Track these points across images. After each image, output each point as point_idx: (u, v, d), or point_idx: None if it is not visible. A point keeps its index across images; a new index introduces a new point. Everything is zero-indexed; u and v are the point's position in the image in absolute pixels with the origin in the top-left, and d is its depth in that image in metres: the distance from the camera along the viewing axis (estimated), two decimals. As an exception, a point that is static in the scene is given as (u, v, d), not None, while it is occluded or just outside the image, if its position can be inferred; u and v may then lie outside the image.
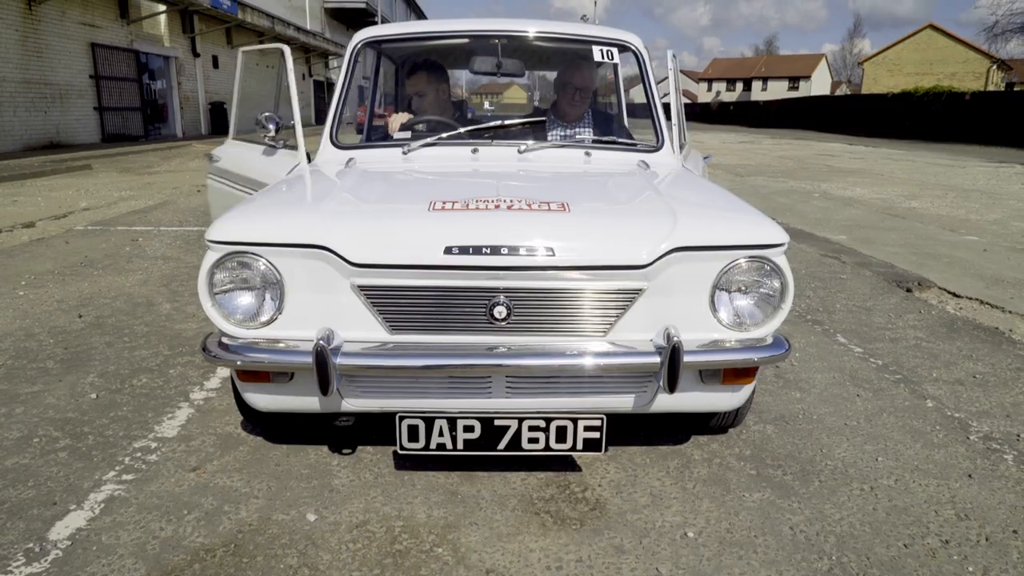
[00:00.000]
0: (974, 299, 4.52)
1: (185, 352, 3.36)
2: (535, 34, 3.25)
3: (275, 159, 3.14)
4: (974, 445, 2.56)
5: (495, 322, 1.92)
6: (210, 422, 2.64)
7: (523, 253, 1.86)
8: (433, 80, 3.29)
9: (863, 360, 3.41)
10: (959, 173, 13.70)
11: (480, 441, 1.99)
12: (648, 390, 2.05)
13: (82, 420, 2.65)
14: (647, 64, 3.26)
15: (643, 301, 1.95)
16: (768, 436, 2.60)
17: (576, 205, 2.06)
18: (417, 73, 3.31)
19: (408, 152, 2.88)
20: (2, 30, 13.68)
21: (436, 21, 3.66)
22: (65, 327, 3.72)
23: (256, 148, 3.42)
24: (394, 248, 1.90)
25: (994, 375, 3.25)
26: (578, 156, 2.94)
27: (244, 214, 2.07)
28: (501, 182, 2.36)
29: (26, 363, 3.21)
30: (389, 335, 1.96)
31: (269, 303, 1.97)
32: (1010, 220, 7.87)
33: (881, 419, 2.76)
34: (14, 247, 5.73)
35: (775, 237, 1.98)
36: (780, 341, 2.04)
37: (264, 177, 3.02)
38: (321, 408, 2.07)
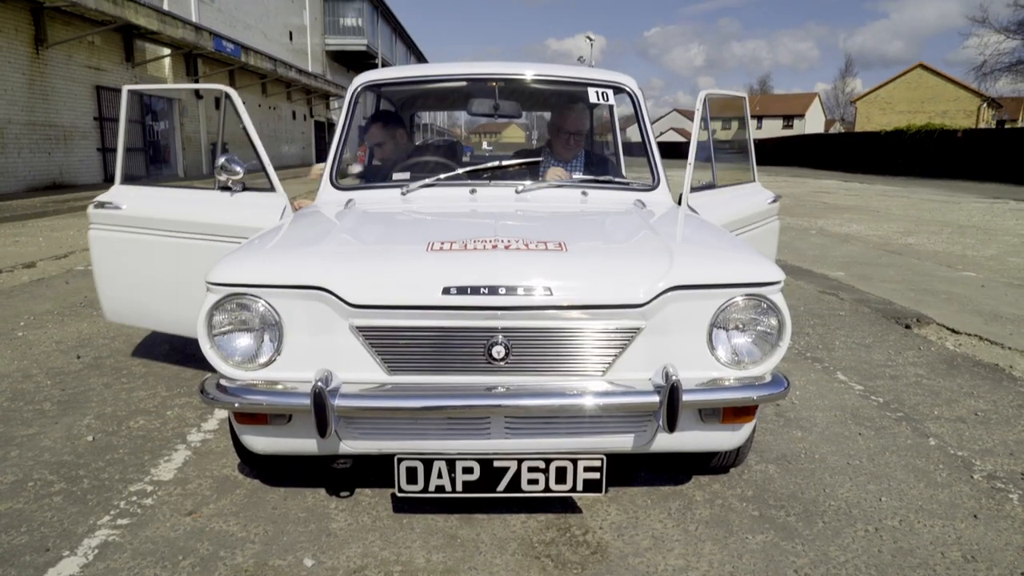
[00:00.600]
0: (973, 335, 4.52)
1: (183, 393, 3.35)
2: (532, 77, 3.31)
3: (244, 201, 3.01)
4: (978, 484, 2.53)
5: (493, 362, 1.92)
6: (207, 465, 2.62)
7: (521, 293, 1.87)
8: (389, 128, 3.49)
9: (864, 398, 3.40)
10: (954, 209, 13.81)
11: (479, 482, 1.97)
12: (648, 430, 2.04)
13: (78, 463, 2.62)
14: (642, 105, 3.32)
15: (641, 340, 1.96)
16: (770, 476, 2.57)
17: (573, 244, 2.08)
18: (374, 124, 3.53)
19: (407, 193, 2.91)
20: (9, 74, 13.91)
21: (434, 65, 3.73)
22: (63, 368, 3.70)
23: (189, 192, 3.28)
24: (392, 289, 1.91)
25: (996, 412, 3.23)
26: (575, 196, 2.97)
27: (244, 256, 2.08)
28: (499, 222, 2.38)
29: (22, 405, 3.19)
30: (387, 376, 1.96)
31: (268, 344, 1.97)
32: (1006, 256, 7.91)
33: (884, 458, 2.74)
34: (14, 287, 5.74)
35: (771, 275, 1.99)
36: (779, 379, 2.04)
37: (239, 220, 2.91)
38: (319, 450, 2.05)
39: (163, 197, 3.27)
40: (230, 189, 3.03)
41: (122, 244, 3.18)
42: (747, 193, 3.73)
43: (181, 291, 3.02)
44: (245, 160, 3.01)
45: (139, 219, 3.13)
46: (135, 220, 3.14)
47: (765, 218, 3.70)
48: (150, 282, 3.20)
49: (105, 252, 3.23)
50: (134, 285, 3.23)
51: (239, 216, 2.95)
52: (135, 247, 3.16)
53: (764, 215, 3.68)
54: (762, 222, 3.66)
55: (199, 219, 3.04)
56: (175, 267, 3.10)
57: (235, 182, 3.00)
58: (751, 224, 3.50)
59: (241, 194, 3.04)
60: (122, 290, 3.27)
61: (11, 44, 13.93)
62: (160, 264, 3.14)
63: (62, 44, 15.19)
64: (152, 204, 3.18)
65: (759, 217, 3.62)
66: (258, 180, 3.02)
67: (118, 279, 3.25)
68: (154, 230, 3.11)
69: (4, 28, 13.69)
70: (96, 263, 3.26)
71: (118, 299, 3.29)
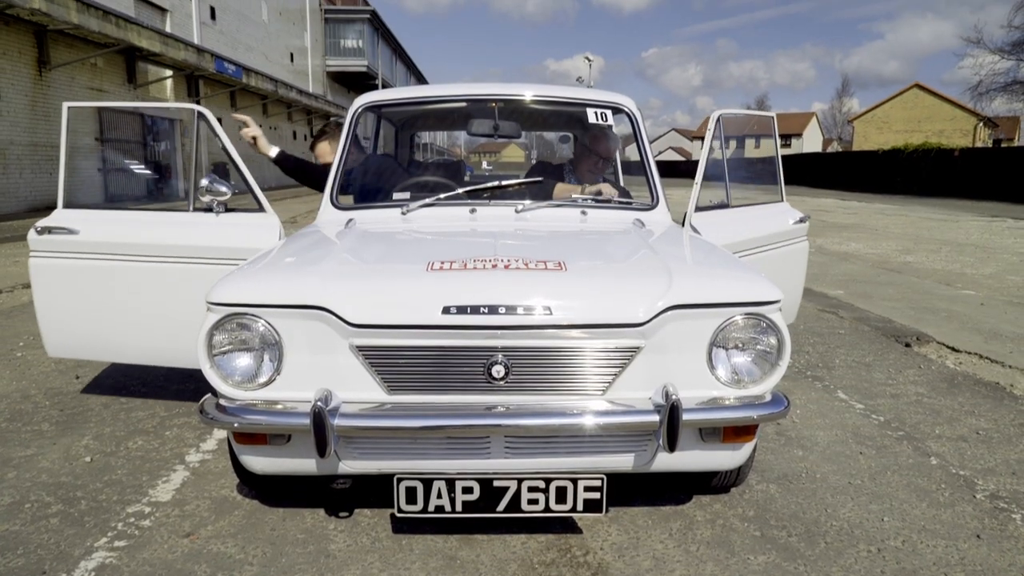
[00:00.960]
0: (973, 354, 4.52)
1: (182, 413, 3.33)
2: (531, 98, 3.34)
3: (232, 222, 2.92)
4: (981, 504, 2.52)
5: (493, 381, 1.92)
6: (205, 485, 2.60)
7: (521, 312, 1.88)
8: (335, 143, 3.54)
9: (865, 417, 3.39)
10: (952, 227, 13.86)
11: (479, 503, 1.96)
12: (648, 449, 2.03)
13: (75, 484, 2.61)
14: (640, 125, 3.35)
15: (641, 359, 1.96)
16: (771, 496, 2.56)
17: (573, 264, 2.08)
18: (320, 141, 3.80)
19: (407, 212, 2.92)
20: (12, 96, 14.02)
21: (435, 86, 3.77)
22: (62, 388, 3.69)
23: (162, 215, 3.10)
24: (392, 308, 1.91)
25: (997, 431, 3.22)
26: (574, 215, 2.99)
27: (244, 276, 2.09)
28: (499, 241, 2.39)
29: (20, 426, 3.18)
30: (387, 395, 1.95)
31: (267, 364, 1.97)
32: (1005, 274, 7.92)
33: (885, 477, 2.73)
34: (14, 307, 5.74)
35: (769, 294, 2.00)
36: (779, 398, 2.04)
37: (226, 241, 2.84)
38: (318, 470, 2.04)
39: (131, 220, 3.07)
40: (211, 210, 2.90)
41: (77, 272, 2.92)
42: (765, 213, 3.65)
43: (156, 318, 2.90)
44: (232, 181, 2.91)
45: (103, 244, 2.90)
46: (97, 245, 2.89)
47: (786, 239, 3.59)
48: (113, 311, 2.95)
49: (54, 281, 2.95)
50: (91, 315, 2.96)
51: (228, 238, 2.85)
52: (94, 274, 2.91)
53: (785, 235, 3.58)
54: (782, 243, 3.54)
55: (181, 242, 2.88)
56: (149, 294, 2.92)
57: (219, 203, 2.89)
58: (766, 244, 3.42)
59: (226, 215, 2.93)
60: (74, 321, 2.98)
61: (15, 66, 14.05)
62: (129, 291, 2.92)
63: (65, 66, 15.33)
64: (119, 228, 2.97)
65: (779, 237, 3.52)
66: (241, 201, 2.97)
67: (69, 310, 2.97)
68: (123, 256, 2.89)
69: (8, 51, 13.82)
70: (40, 293, 2.96)
71: (68, 331, 3.01)
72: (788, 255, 3.60)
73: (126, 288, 2.93)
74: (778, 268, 3.39)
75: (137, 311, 2.95)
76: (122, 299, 2.94)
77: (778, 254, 3.49)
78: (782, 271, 3.44)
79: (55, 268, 2.94)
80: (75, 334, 3.02)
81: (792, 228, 3.62)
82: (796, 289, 3.79)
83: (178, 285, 2.87)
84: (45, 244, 2.93)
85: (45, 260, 2.95)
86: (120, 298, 2.94)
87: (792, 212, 3.71)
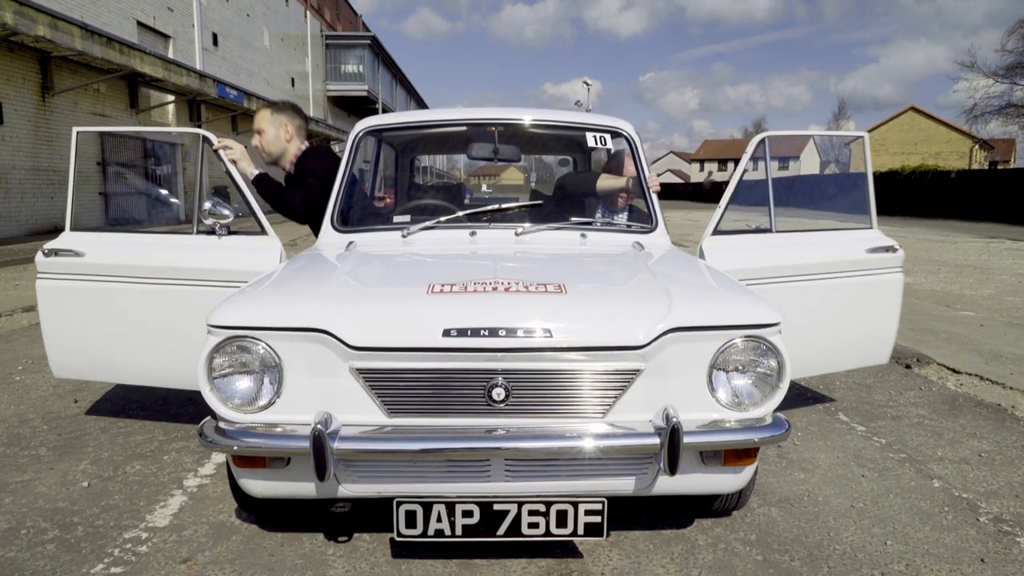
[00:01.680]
0: (974, 375, 4.51)
1: (180, 437, 3.32)
2: (530, 121, 3.37)
3: (234, 245, 2.95)
4: (984, 527, 2.50)
5: (494, 404, 1.92)
6: (203, 510, 2.58)
7: (521, 335, 1.88)
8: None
9: (866, 439, 3.37)
10: (950, 248, 13.90)
11: (479, 526, 1.95)
12: (649, 472, 2.02)
13: (72, 510, 2.59)
14: (639, 148, 3.38)
15: (641, 382, 1.96)
16: (773, 519, 2.54)
17: (573, 287, 2.09)
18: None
19: (408, 235, 2.94)
20: (16, 121, 14.14)
21: (435, 110, 3.81)
22: (60, 412, 3.68)
23: (165, 237, 3.08)
24: (393, 331, 1.91)
25: (1000, 453, 3.20)
26: (574, 238, 3.00)
27: (245, 299, 2.10)
28: (499, 264, 2.40)
29: (18, 450, 3.16)
30: (387, 418, 1.95)
31: (267, 387, 1.97)
32: (1004, 295, 7.93)
33: (888, 500, 2.71)
34: (13, 331, 5.73)
35: (769, 317, 2.00)
36: (780, 421, 2.03)
37: (228, 263, 2.85)
38: (317, 494, 2.03)
39: (136, 243, 3.11)
40: (214, 233, 2.94)
41: (82, 293, 2.94)
42: (817, 240, 3.30)
43: (159, 340, 2.90)
44: (235, 203, 2.95)
45: (108, 266, 2.93)
46: (102, 268, 2.92)
47: (850, 269, 3.20)
48: (117, 333, 2.97)
49: (59, 303, 2.98)
50: (95, 337, 2.98)
51: (230, 260, 2.86)
52: (99, 296, 2.94)
53: (846, 265, 3.20)
54: (840, 273, 3.18)
55: (183, 264, 2.90)
56: (152, 316, 2.93)
57: (222, 226, 2.93)
58: (807, 273, 3.12)
59: (228, 238, 2.96)
60: (80, 343, 3.01)
61: (19, 92, 14.19)
62: (132, 313, 2.94)
63: (68, 92, 15.47)
64: (124, 251, 3.00)
65: (832, 267, 3.17)
66: (243, 224, 3.00)
67: (75, 332, 3.00)
68: (127, 278, 2.92)
69: (12, 77, 13.96)
70: (46, 315, 2.99)
71: (74, 352, 3.03)
72: (853, 287, 3.21)
73: (130, 310, 2.94)
74: (836, 299, 3.14)
75: (140, 333, 2.96)
76: (126, 321, 2.96)
77: (832, 284, 3.16)
78: (844, 303, 3.18)
79: (61, 290, 2.97)
80: (80, 355, 3.04)
81: (867, 258, 3.22)
82: (875, 324, 3.31)
83: (180, 307, 2.87)
84: (52, 266, 2.97)
85: (51, 282, 2.98)
86: (124, 320, 2.96)
87: (871, 240, 3.29)
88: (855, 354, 3.38)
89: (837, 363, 3.40)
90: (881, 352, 3.38)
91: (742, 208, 3.25)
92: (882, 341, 3.35)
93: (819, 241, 3.32)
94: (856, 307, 3.26)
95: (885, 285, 3.29)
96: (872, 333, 3.33)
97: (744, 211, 3.28)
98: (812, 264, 3.15)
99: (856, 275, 3.22)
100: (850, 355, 3.38)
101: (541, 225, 3.02)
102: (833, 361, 3.36)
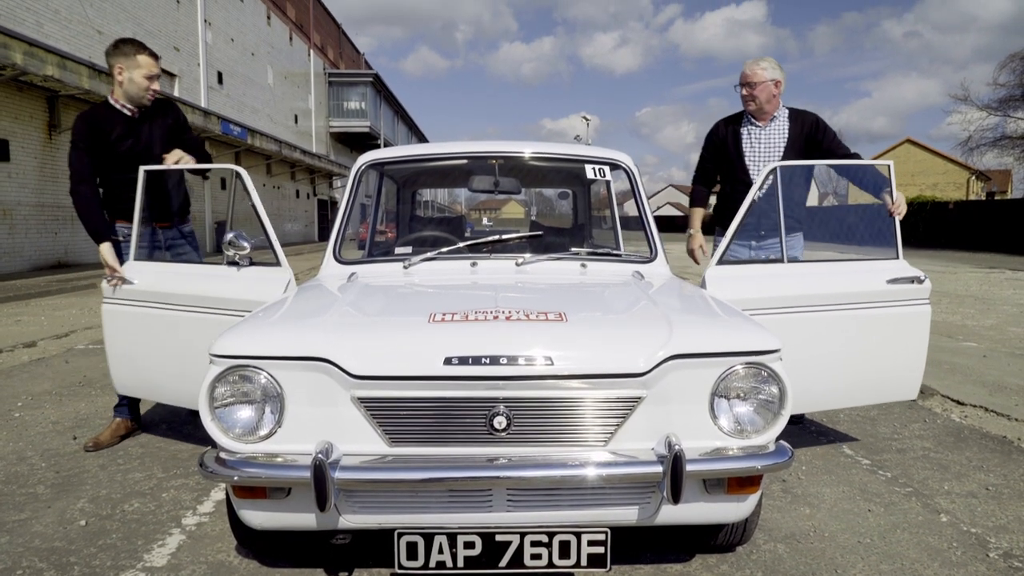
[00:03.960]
0: (979, 407, 4.48)
1: (179, 475, 3.29)
2: (530, 154, 3.41)
3: (251, 276, 3.07)
4: (995, 563, 2.45)
5: (495, 433, 1.91)
6: (201, 549, 2.54)
7: (522, 363, 1.88)
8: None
9: (871, 472, 3.33)
10: (951, 279, 13.91)
11: (481, 558, 1.92)
12: (652, 501, 2.00)
13: (69, 549, 2.55)
14: (638, 180, 3.41)
15: (642, 409, 1.95)
16: (780, 556, 2.50)
17: (573, 315, 2.09)
18: None
19: (409, 266, 2.96)
20: (23, 159, 14.31)
21: (436, 144, 3.86)
22: (58, 449, 3.65)
23: (192, 268, 3.39)
24: (394, 360, 1.91)
25: (1007, 487, 3.16)
26: (574, 268, 3.02)
27: (246, 328, 2.10)
28: (499, 293, 2.41)
29: (15, 488, 3.13)
30: (388, 448, 1.94)
31: (269, 416, 1.96)
32: (1006, 326, 7.92)
33: (895, 536, 2.66)
34: (13, 367, 5.72)
35: (769, 343, 2.00)
36: (783, 448, 2.02)
37: (245, 295, 2.93)
38: (318, 525, 2.01)
39: (174, 272, 3.35)
40: (238, 264, 3.09)
41: (131, 318, 3.24)
42: (832, 270, 3.23)
43: (186, 364, 3.02)
44: (253, 236, 3.09)
45: (149, 293, 3.19)
46: (145, 294, 3.20)
47: (869, 300, 3.10)
48: (156, 355, 3.23)
49: (115, 325, 3.30)
50: (141, 358, 3.27)
51: (243, 290, 2.97)
52: (143, 321, 3.20)
53: (864, 296, 3.09)
54: (855, 304, 3.08)
55: (204, 293, 3.07)
56: (181, 340, 3.10)
57: (242, 257, 3.07)
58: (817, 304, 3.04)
59: (248, 269, 3.09)
60: (130, 362, 3.31)
61: (26, 130, 14.39)
62: (166, 337, 3.16)
63: (74, 129, 15.68)
64: (162, 279, 3.24)
65: (848, 298, 3.08)
66: (266, 255, 3.08)
67: (127, 352, 3.30)
68: (162, 304, 3.16)
69: (20, 115, 14.17)
70: (107, 336, 3.34)
71: (126, 371, 3.35)
72: (873, 319, 3.10)
73: (165, 335, 3.17)
74: (847, 331, 3.07)
75: (174, 357, 3.15)
76: (163, 345, 3.19)
77: (849, 316, 3.07)
78: (866, 335, 3.09)
79: (116, 313, 3.29)
80: (132, 375, 3.37)
81: (888, 289, 3.10)
82: (900, 358, 3.18)
83: (204, 334, 2.94)
84: (110, 292, 3.30)
85: (110, 306, 3.30)
86: (162, 344, 3.20)
87: (894, 271, 3.16)
88: (878, 388, 3.23)
89: (859, 397, 3.27)
90: (909, 387, 3.23)
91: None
92: (909, 375, 3.21)
93: (835, 271, 3.22)
94: (878, 339, 3.13)
95: (910, 318, 3.15)
96: (897, 366, 3.18)
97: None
98: (825, 295, 3.06)
99: (877, 307, 3.10)
100: (872, 389, 3.23)
101: (541, 255, 3.04)
102: (854, 395, 3.23)
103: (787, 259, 3.19)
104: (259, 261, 3.10)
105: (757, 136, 3.89)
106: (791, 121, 3.88)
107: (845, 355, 3.11)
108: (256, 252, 3.09)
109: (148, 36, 20.19)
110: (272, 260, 3.05)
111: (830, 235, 4.37)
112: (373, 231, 4.07)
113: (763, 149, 3.87)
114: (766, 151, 3.86)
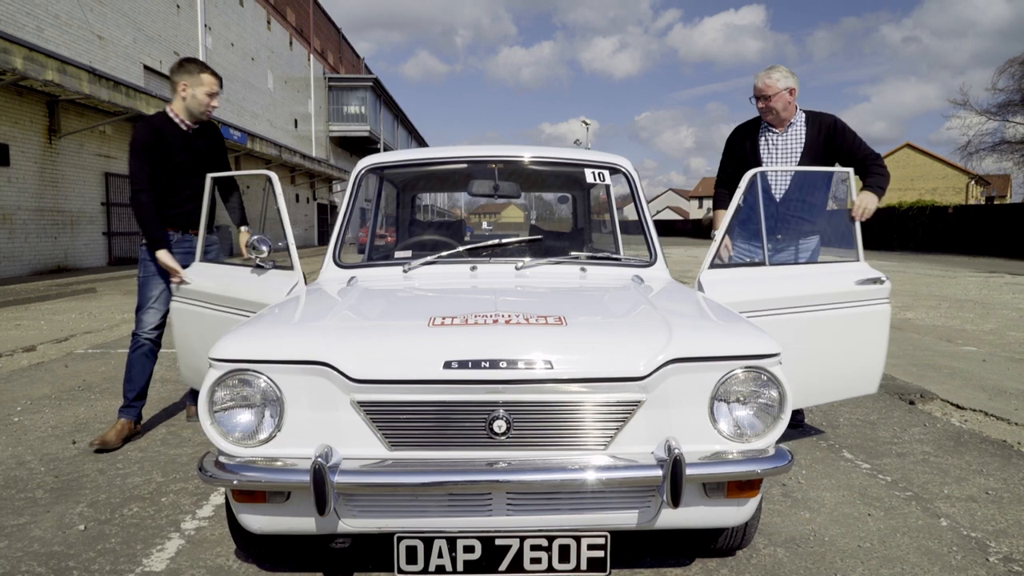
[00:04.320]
0: (978, 411, 4.47)
1: (178, 479, 3.28)
2: (530, 159, 3.42)
3: (266, 278, 3.18)
4: (995, 567, 2.45)
5: (495, 436, 1.90)
6: (200, 554, 2.54)
7: (522, 366, 1.88)
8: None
9: (871, 476, 3.33)
10: (950, 283, 13.92)
11: (481, 562, 1.92)
12: (652, 505, 2.00)
13: (68, 554, 2.54)
14: (637, 185, 3.42)
15: (642, 413, 1.95)
16: (779, 560, 2.50)
17: (573, 319, 2.10)
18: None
19: (409, 270, 2.96)
20: (23, 163, 14.32)
21: (436, 148, 3.86)
22: (58, 454, 3.65)
23: (229, 269, 3.50)
24: (394, 363, 1.91)
25: (1007, 491, 3.16)
26: (574, 272, 3.02)
27: (246, 332, 2.10)
28: (499, 297, 2.41)
29: (14, 493, 3.12)
30: (388, 451, 1.94)
31: (268, 420, 1.96)
32: (1006, 330, 7.92)
33: (895, 540, 2.66)
34: (13, 372, 5.71)
35: (769, 347, 2.00)
36: (783, 452, 2.02)
37: (258, 296, 3.05)
38: (317, 529, 2.00)
39: (215, 273, 3.54)
40: (261, 266, 3.24)
41: (185, 315, 3.54)
42: (809, 273, 3.43)
43: None
44: (275, 240, 3.21)
45: (195, 292, 3.47)
46: (194, 294, 3.47)
47: (842, 300, 3.27)
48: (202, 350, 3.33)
49: (179, 321, 3.60)
50: (196, 352, 3.48)
51: (257, 292, 3.09)
52: (193, 318, 3.49)
53: (838, 297, 3.26)
54: (832, 304, 3.24)
55: (227, 294, 3.27)
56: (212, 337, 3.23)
57: (263, 260, 3.20)
58: (799, 306, 3.16)
59: (269, 271, 3.21)
60: (190, 356, 3.57)
61: (26, 135, 14.41)
62: (208, 334, 3.28)
63: (74, 134, 15.71)
64: (204, 280, 3.47)
65: (825, 299, 3.23)
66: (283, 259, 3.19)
67: (186, 346, 3.60)
68: (203, 303, 3.42)
69: (20, 120, 14.19)
70: (175, 330, 3.65)
71: (188, 364, 3.63)
72: (844, 318, 3.27)
73: (208, 332, 3.32)
74: (827, 331, 3.20)
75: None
76: (204, 341, 3.30)
77: (826, 316, 3.22)
78: (836, 334, 3.23)
79: (179, 311, 3.59)
80: (190, 367, 3.61)
81: (856, 289, 3.30)
82: (864, 355, 3.36)
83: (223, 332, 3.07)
84: (178, 290, 3.61)
85: (175, 303, 3.62)
86: (204, 340, 3.31)
87: (859, 273, 3.37)
88: (846, 385, 3.42)
89: (830, 393, 3.43)
90: (870, 383, 3.42)
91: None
92: (871, 371, 3.41)
93: (810, 274, 3.45)
94: (847, 338, 3.31)
95: (873, 316, 3.35)
96: (862, 363, 3.37)
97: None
98: (805, 296, 3.21)
99: (846, 307, 3.29)
100: (841, 386, 3.41)
101: (541, 259, 3.04)
102: (826, 391, 3.40)
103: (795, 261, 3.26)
104: (283, 264, 3.19)
105: (775, 143, 3.93)
106: (808, 125, 3.92)
107: (821, 353, 3.24)
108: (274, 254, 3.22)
109: (148, 41, 20.24)
110: (287, 264, 3.14)
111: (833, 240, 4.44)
112: (373, 235, 4.07)
113: (780, 155, 3.92)
114: (783, 157, 3.91)
